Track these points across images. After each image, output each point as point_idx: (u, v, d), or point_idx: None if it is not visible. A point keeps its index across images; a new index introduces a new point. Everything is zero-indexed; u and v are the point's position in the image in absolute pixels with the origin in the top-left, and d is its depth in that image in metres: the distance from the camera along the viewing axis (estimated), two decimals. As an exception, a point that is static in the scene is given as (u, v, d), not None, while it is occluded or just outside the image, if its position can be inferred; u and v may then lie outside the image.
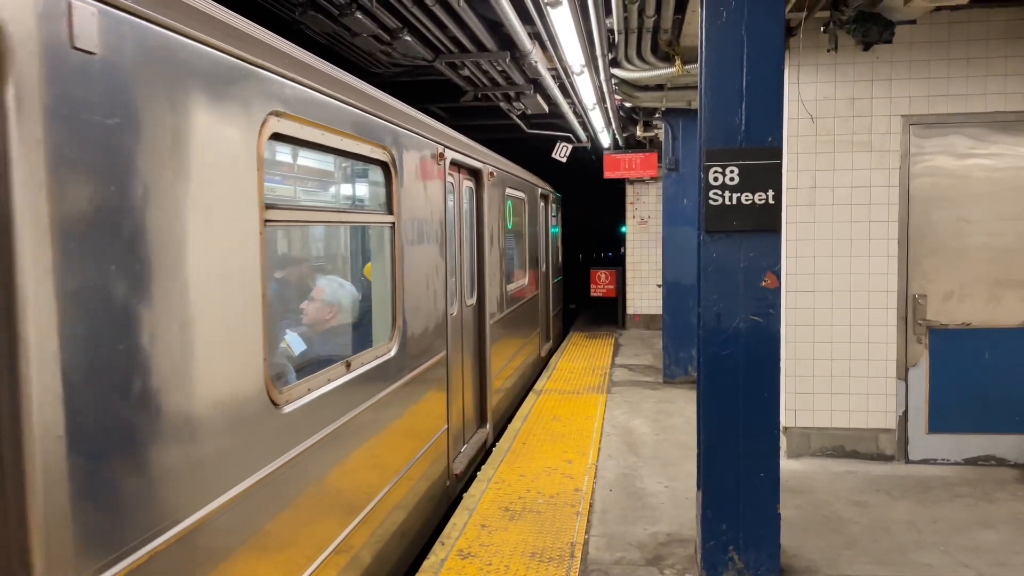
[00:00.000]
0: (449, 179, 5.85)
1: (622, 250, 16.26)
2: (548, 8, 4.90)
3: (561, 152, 13.45)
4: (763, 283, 4.20)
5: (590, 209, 23.48)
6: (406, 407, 4.72)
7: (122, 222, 2.09)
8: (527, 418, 7.90)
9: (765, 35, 4.11)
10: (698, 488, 4.41)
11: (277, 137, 3.03)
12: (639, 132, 11.16)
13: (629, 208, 15.20)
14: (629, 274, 15.24)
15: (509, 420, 8.13)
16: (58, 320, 1.85)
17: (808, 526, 5.02)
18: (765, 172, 4.16)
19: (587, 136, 12.78)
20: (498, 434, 7.51)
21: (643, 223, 15.09)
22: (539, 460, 6.45)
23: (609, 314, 16.73)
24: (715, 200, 4.20)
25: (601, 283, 15.85)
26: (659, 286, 11.84)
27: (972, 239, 6.15)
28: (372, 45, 6.16)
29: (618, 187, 15.71)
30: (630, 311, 15.23)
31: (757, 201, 4.17)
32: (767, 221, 4.17)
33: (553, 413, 8.10)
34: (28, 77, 1.77)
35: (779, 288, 4.20)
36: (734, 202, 4.19)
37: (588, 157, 15.61)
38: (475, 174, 7.04)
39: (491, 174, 7.39)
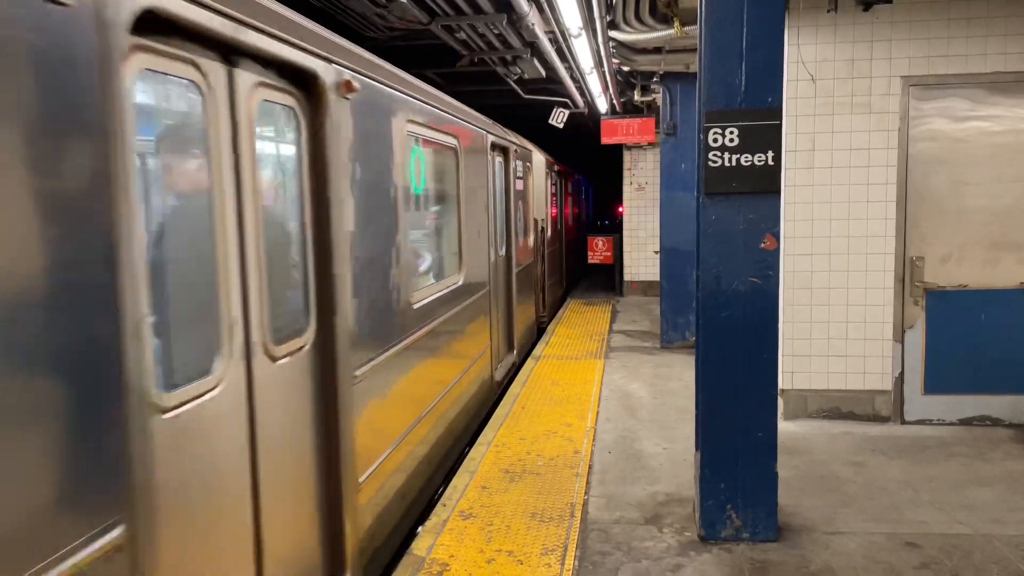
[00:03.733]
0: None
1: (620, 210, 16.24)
2: (546, -32, 4.84)
3: (558, 118, 13.38)
4: (762, 245, 4.20)
5: (589, 175, 23.41)
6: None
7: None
8: (526, 383, 7.95)
9: (765, -6, 4.06)
10: (696, 448, 4.46)
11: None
12: (637, 97, 11.09)
13: (626, 174, 15.14)
14: (626, 241, 15.23)
15: (530, 350, 9.86)
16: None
17: (805, 485, 5.09)
18: (765, 133, 4.14)
19: (584, 102, 12.69)
20: (522, 359, 9.30)
21: (640, 189, 15.05)
22: (539, 424, 6.51)
23: (607, 281, 16.77)
24: (715, 162, 4.19)
25: (598, 250, 15.86)
26: (656, 252, 11.86)
27: (970, 201, 6.15)
28: (367, 7, 6.10)
29: (615, 153, 15.64)
30: (627, 278, 15.25)
31: (757, 163, 4.16)
32: (767, 183, 4.17)
33: (552, 378, 8.15)
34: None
35: (778, 250, 4.21)
36: (734, 164, 4.18)
37: (585, 123, 15.52)
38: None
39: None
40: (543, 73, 9.33)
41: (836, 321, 6.37)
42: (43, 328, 1.75)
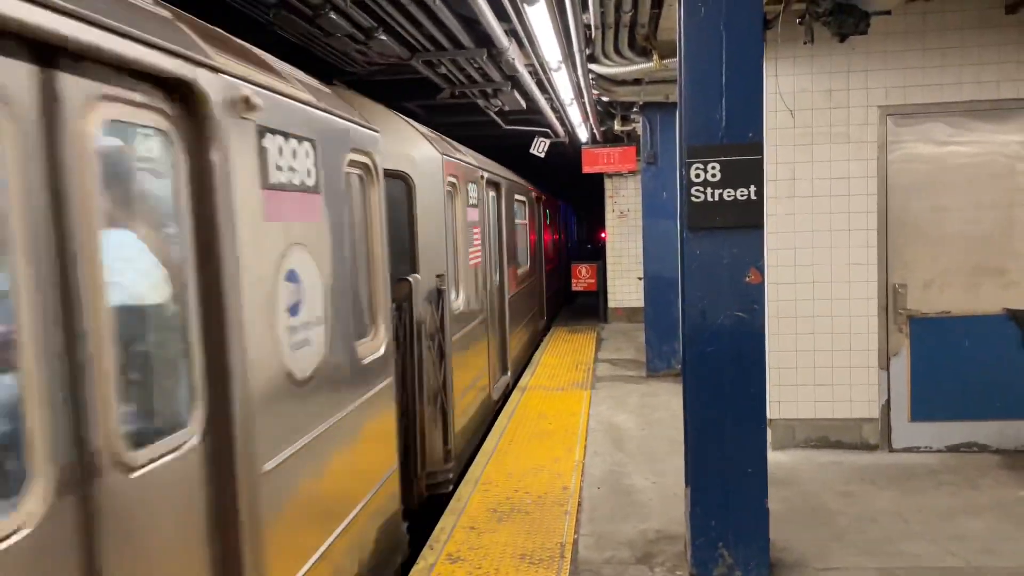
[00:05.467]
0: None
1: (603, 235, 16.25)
2: (524, 6, 4.85)
3: (539, 147, 13.42)
4: (747, 279, 4.19)
5: (572, 201, 23.49)
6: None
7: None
8: (513, 415, 7.88)
9: (744, 30, 4.09)
10: (687, 484, 4.40)
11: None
12: (617, 126, 11.15)
13: (608, 202, 15.19)
14: (610, 268, 15.24)
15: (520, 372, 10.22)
16: None
17: (796, 518, 5.04)
18: (747, 168, 4.15)
19: (565, 131, 12.74)
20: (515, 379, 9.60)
21: (623, 216, 15.09)
22: (526, 459, 6.43)
23: (591, 307, 16.76)
24: (697, 197, 4.18)
25: (582, 277, 15.86)
26: (640, 279, 11.87)
27: (950, 227, 6.19)
28: (347, 44, 6.09)
29: (598, 178, 15.70)
30: (612, 305, 15.24)
31: (739, 197, 4.16)
32: (750, 217, 4.16)
33: (538, 410, 8.09)
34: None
35: (763, 284, 4.20)
36: (716, 198, 4.17)
37: (567, 151, 15.57)
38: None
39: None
40: (523, 105, 9.37)
41: (821, 349, 6.37)
42: None
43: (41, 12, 1.81)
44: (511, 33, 6.32)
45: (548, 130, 12.69)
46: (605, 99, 9.42)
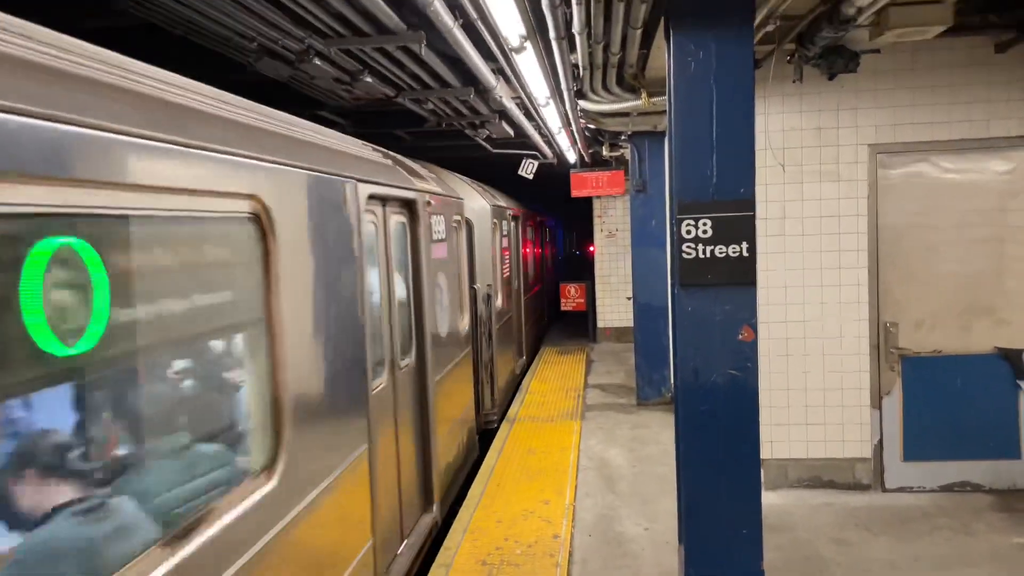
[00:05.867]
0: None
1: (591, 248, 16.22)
2: (513, 53, 4.78)
3: (527, 169, 13.34)
4: (740, 336, 4.12)
5: (560, 215, 23.46)
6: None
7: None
8: (502, 451, 7.78)
9: (735, 85, 4.03)
10: (680, 541, 4.32)
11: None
12: (605, 152, 11.10)
13: (597, 221, 15.15)
14: (599, 287, 15.19)
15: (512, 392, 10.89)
16: None
17: (791, 568, 4.97)
18: (739, 224, 4.08)
19: (553, 153, 12.69)
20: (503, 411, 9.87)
21: (611, 236, 15.05)
22: (516, 502, 6.34)
23: (580, 325, 16.70)
24: (688, 253, 4.11)
25: (571, 296, 15.78)
26: (629, 299, 11.80)
27: (941, 266, 6.15)
28: (332, 84, 6.00)
29: (585, 200, 15.64)
30: (601, 324, 15.18)
31: (731, 254, 4.09)
32: (743, 274, 4.09)
33: (528, 445, 7.99)
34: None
35: (756, 341, 4.13)
36: (708, 255, 4.10)
37: (556, 172, 15.52)
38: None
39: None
40: (511, 134, 9.31)
41: (813, 388, 6.32)
42: None
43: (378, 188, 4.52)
44: (498, 72, 6.25)
45: (536, 152, 12.63)
46: (593, 126, 9.36)
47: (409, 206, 5.60)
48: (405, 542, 5.17)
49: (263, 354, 3.12)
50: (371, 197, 4.63)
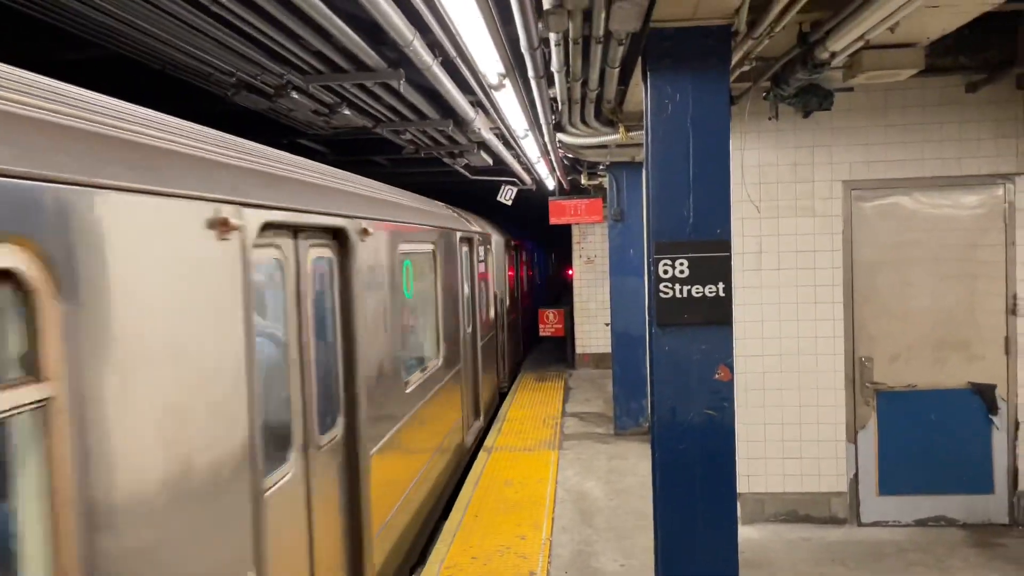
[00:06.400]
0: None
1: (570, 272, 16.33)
2: (492, 90, 4.79)
3: (506, 195, 13.40)
4: (716, 376, 4.13)
5: (539, 239, 23.51)
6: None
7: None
8: (478, 483, 7.72)
9: (711, 128, 4.06)
10: (656, 583, 4.30)
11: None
12: (584, 180, 11.15)
13: (576, 247, 15.19)
14: (577, 313, 15.20)
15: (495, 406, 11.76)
16: None
17: (767, 607, 4.95)
18: (715, 264, 4.10)
19: (532, 180, 12.73)
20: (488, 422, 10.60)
21: (590, 262, 15.09)
22: (492, 537, 6.28)
23: (559, 350, 16.70)
24: (666, 293, 4.12)
25: (549, 322, 15.78)
26: (607, 325, 11.82)
27: (915, 301, 6.21)
28: (311, 117, 5.98)
29: (565, 225, 15.69)
30: (579, 351, 15.17)
31: (708, 294, 4.10)
32: (719, 314, 4.10)
33: (505, 476, 7.94)
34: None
35: (732, 381, 4.14)
36: (685, 295, 4.11)
37: (536, 196, 15.57)
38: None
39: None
40: (490, 162, 9.33)
41: (789, 422, 6.33)
42: None
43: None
44: (477, 104, 6.27)
45: (515, 179, 12.67)
46: (572, 156, 9.40)
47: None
48: None
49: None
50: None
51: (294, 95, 5.02)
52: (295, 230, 3.86)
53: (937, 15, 4.29)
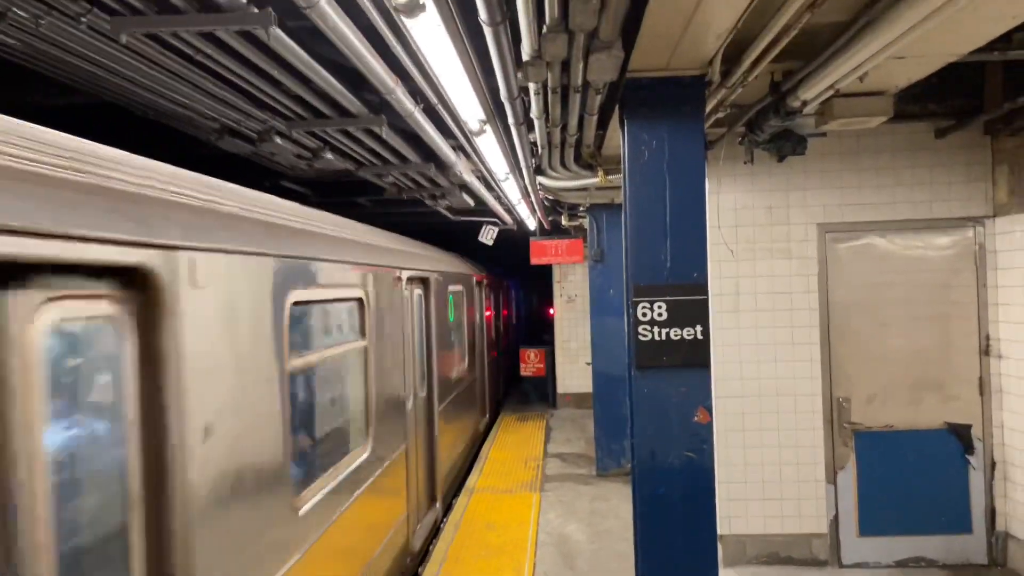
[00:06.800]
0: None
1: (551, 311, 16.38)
2: (473, 136, 4.87)
3: (488, 235, 13.46)
4: (695, 418, 4.16)
5: (520, 277, 23.59)
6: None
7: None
8: (459, 526, 7.65)
9: (687, 174, 4.15)
10: (638, 627, 4.27)
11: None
12: (564, 221, 11.25)
13: (557, 287, 15.26)
14: (559, 353, 15.22)
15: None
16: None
17: (749, 651, 4.92)
18: (693, 308, 4.16)
19: (513, 220, 12.82)
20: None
21: (571, 301, 15.16)
22: (473, 581, 6.21)
23: (540, 389, 16.67)
24: (644, 336, 4.17)
25: (531, 362, 15.77)
26: (588, 364, 11.85)
27: (890, 342, 6.30)
28: (293, 160, 6.04)
29: (545, 266, 15.78)
30: (561, 390, 15.16)
31: (686, 336, 4.15)
32: (698, 357, 4.15)
33: (486, 519, 7.87)
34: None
35: (711, 423, 4.17)
36: (663, 337, 4.16)
37: (517, 235, 15.68)
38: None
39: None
40: (471, 204, 9.40)
41: (769, 463, 6.36)
42: None
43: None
44: (458, 148, 6.35)
45: (496, 219, 12.76)
46: (552, 198, 9.51)
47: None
48: None
49: None
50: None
51: (277, 140, 5.08)
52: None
53: (904, 65, 4.43)
